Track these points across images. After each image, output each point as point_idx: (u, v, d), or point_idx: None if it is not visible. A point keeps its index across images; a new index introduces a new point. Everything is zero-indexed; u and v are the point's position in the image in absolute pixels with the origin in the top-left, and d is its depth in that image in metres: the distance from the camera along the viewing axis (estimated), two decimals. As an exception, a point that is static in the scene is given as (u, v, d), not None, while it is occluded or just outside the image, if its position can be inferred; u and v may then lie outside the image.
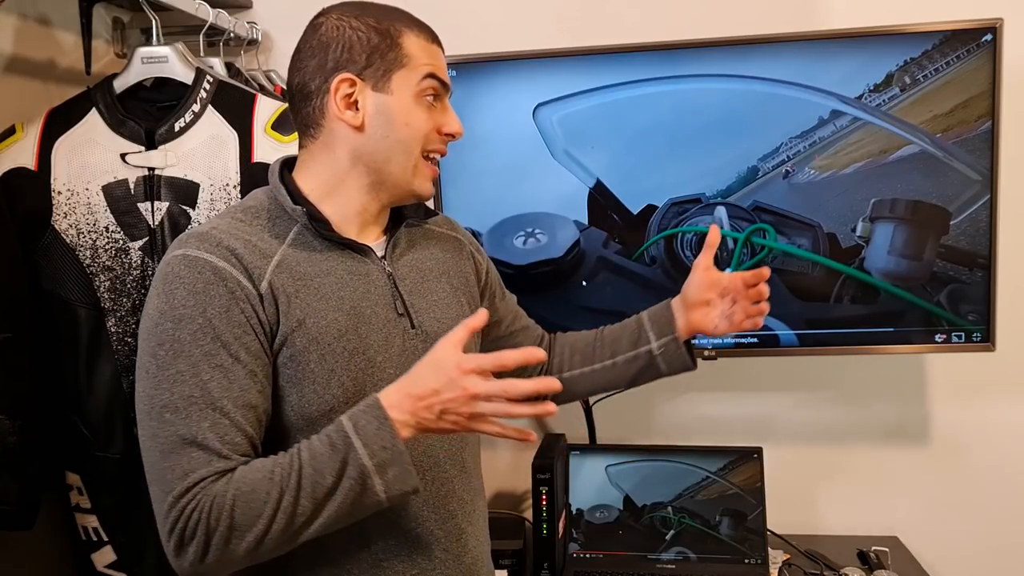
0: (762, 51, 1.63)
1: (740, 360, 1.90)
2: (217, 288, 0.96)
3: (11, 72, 1.53)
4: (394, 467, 0.92)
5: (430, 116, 1.07)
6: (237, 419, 0.94)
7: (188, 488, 0.90)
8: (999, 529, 1.92)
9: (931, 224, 1.65)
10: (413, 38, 1.05)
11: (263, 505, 0.90)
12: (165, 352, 0.94)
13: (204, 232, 1.00)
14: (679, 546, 1.74)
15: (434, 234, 1.22)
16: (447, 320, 1.14)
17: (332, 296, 1.03)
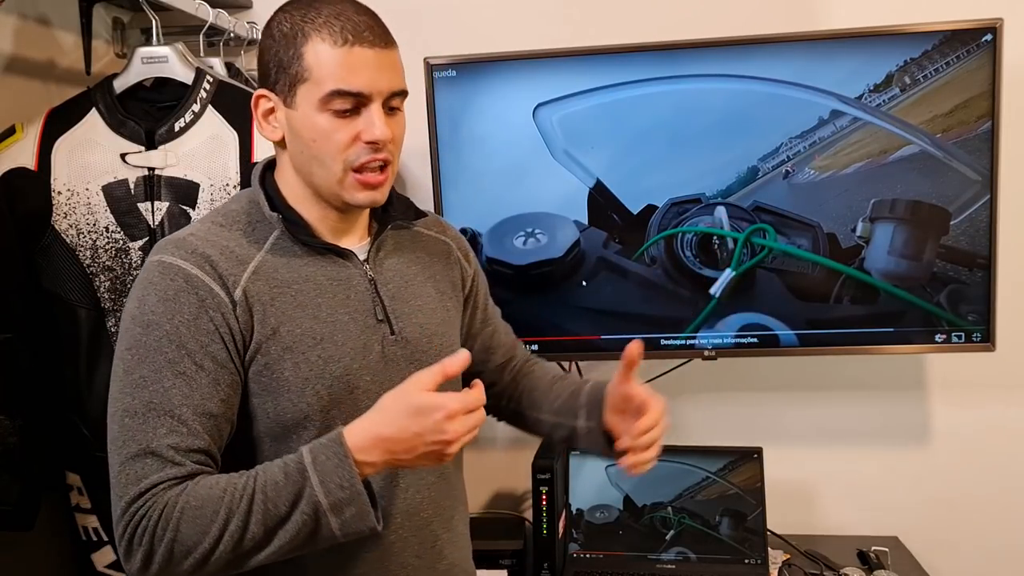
0: (762, 51, 1.63)
1: (740, 360, 1.90)
2: (187, 296, 0.96)
3: (11, 72, 1.53)
4: (351, 507, 0.91)
5: (343, 128, 0.98)
6: (195, 427, 0.93)
7: (140, 493, 0.90)
8: (999, 529, 1.92)
9: (931, 224, 1.65)
10: (318, 45, 0.97)
11: (210, 524, 0.89)
12: (132, 356, 0.95)
13: (182, 238, 1.00)
14: (679, 546, 1.74)
15: (423, 237, 1.19)
16: (430, 326, 1.12)
17: (309, 303, 1.02)
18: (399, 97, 1.02)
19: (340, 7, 0.99)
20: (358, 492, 0.91)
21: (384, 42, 0.99)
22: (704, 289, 1.71)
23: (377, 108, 0.99)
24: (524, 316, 1.72)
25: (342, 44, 0.96)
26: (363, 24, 0.98)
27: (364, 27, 0.98)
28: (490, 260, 1.73)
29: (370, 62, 0.97)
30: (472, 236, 1.73)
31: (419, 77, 1.64)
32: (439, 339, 1.13)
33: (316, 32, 0.97)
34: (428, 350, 1.11)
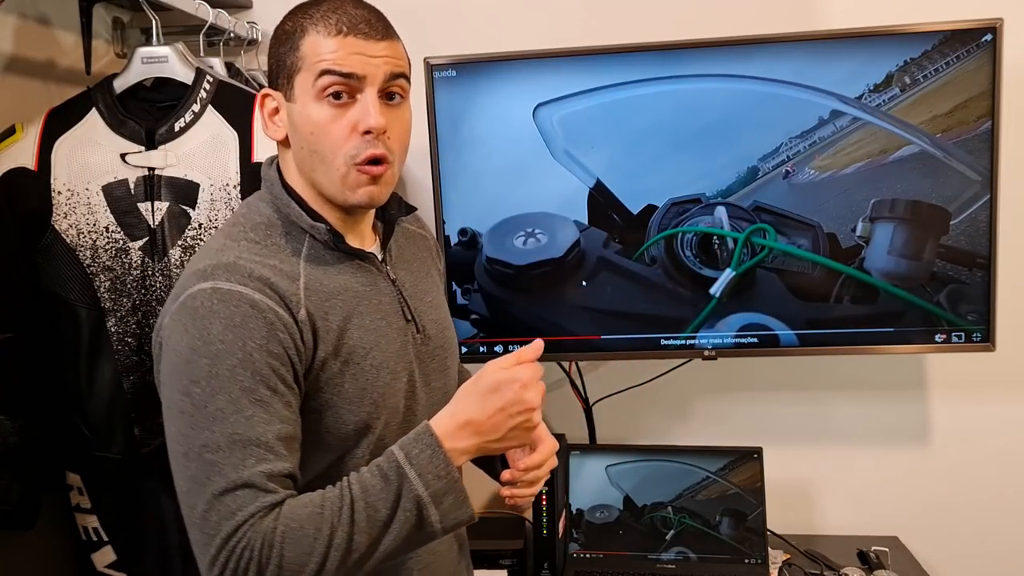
0: (762, 51, 1.63)
1: (740, 360, 1.90)
2: (255, 321, 0.92)
3: (11, 72, 1.53)
4: (449, 496, 0.92)
5: (339, 117, 0.97)
6: (281, 452, 0.91)
7: (237, 527, 0.87)
8: (999, 529, 1.92)
9: (931, 224, 1.65)
10: (313, 35, 0.97)
11: (314, 542, 0.87)
12: (201, 389, 0.90)
13: (230, 263, 0.96)
14: (679, 546, 1.74)
15: (410, 232, 1.21)
16: (440, 321, 1.14)
17: (354, 313, 1.02)
18: (399, 81, 1.00)
19: (340, 3, 0.99)
20: (455, 479, 0.92)
21: (380, 34, 0.98)
22: (704, 289, 1.71)
23: (372, 95, 0.97)
24: (524, 316, 1.72)
25: (336, 34, 0.96)
26: (359, 16, 0.98)
27: (360, 19, 0.98)
28: (490, 260, 1.73)
29: (362, 49, 0.97)
30: (472, 236, 1.73)
31: (419, 77, 1.64)
32: (449, 332, 1.17)
33: (312, 26, 0.98)
34: (444, 344, 1.14)
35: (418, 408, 1.08)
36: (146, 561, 1.48)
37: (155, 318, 1.41)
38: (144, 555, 1.48)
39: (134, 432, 1.44)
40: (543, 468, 1.07)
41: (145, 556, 1.48)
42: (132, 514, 1.47)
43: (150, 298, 1.42)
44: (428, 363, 1.11)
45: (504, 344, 1.75)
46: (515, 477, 1.05)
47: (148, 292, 1.42)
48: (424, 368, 1.10)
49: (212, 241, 1.03)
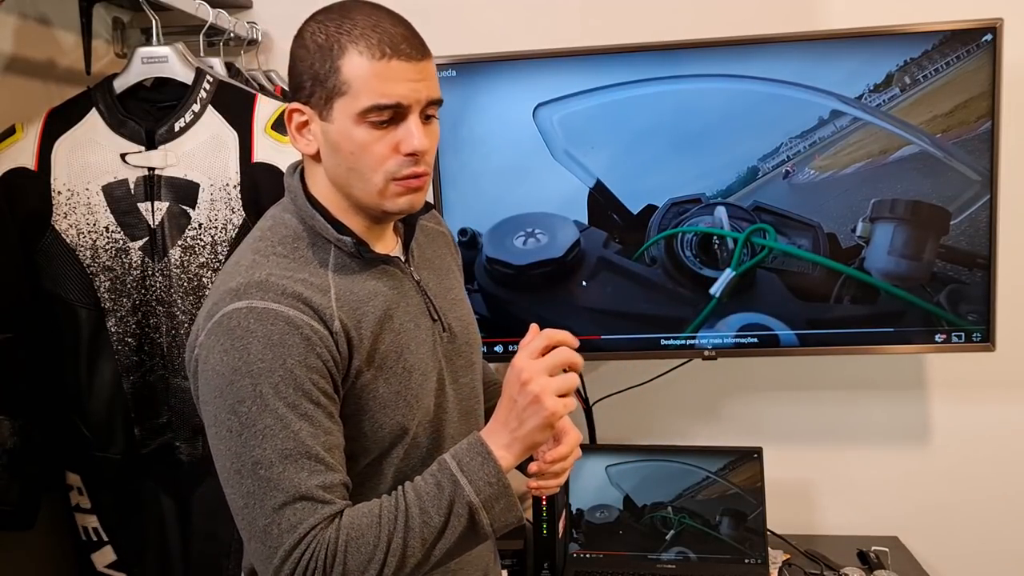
0: (762, 51, 1.63)
1: (740, 360, 1.90)
2: (293, 338, 0.93)
3: (11, 72, 1.53)
4: (500, 501, 0.95)
5: (380, 139, 0.97)
6: (331, 462, 0.94)
7: (300, 539, 0.90)
8: (999, 529, 1.92)
9: (931, 224, 1.65)
10: (356, 58, 0.95)
11: (373, 549, 0.91)
12: (248, 408, 0.92)
13: (262, 280, 0.97)
14: (679, 546, 1.74)
15: (429, 230, 1.21)
16: (464, 318, 1.16)
17: (384, 318, 1.03)
18: (435, 106, 1.01)
19: (376, 18, 0.97)
20: (505, 486, 0.95)
21: (421, 53, 0.98)
22: (704, 289, 1.71)
23: (415, 119, 0.98)
24: (524, 316, 1.72)
25: (380, 57, 0.95)
26: (399, 36, 0.96)
27: (401, 39, 0.96)
28: (490, 260, 1.73)
29: (407, 74, 0.96)
30: (472, 236, 1.73)
31: (419, 77, 1.64)
32: (473, 327, 1.18)
33: (353, 44, 0.95)
34: (469, 340, 1.15)
35: (448, 406, 1.09)
36: (146, 561, 1.48)
37: (155, 318, 1.42)
38: (144, 555, 1.48)
39: (134, 432, 1.44)
40: (568, 459, 1.08)
41: (145, 556, 1.48)
42: (132, 514, 1.47)
43: (150, 298, 1.42)
44: (455, 360, 1.12)
45: (504, 344, 1.75)
46: (541, 469, 1.07)
47: (148, 292, 1.42)
48: (451, 366, 1.11)
49: (241, 256, 1.03)
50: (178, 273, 1.41)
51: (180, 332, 1.42)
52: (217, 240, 1.41)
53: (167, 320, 1.42)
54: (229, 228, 1.41)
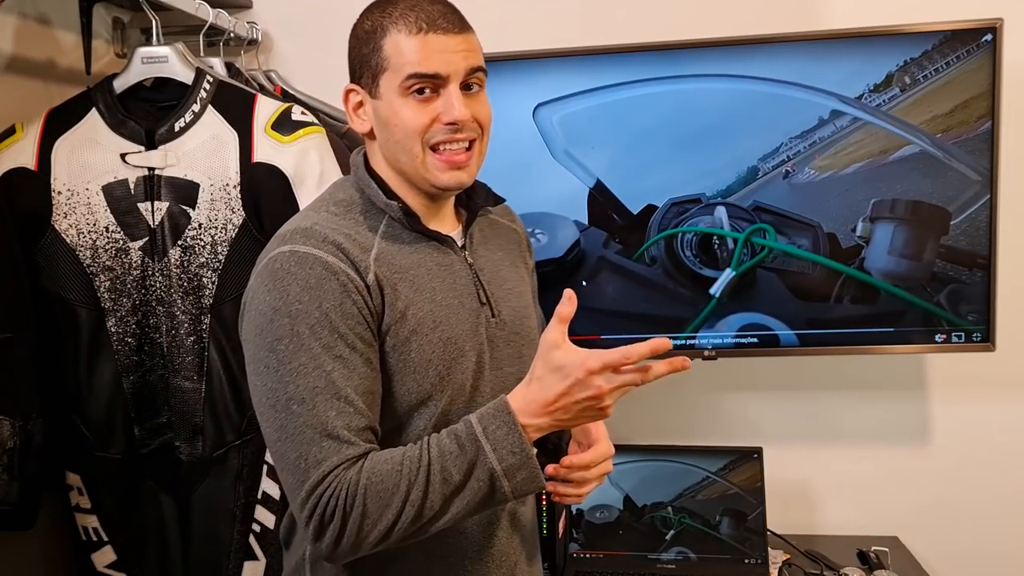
0: (762, 51, 1.63)
1: (740, 360, 1.90)
2: (330, 282, 0.98)
3: (11, 72, 1.53)
4: (523, 471, 0.95)
5: (422, 110, 1.03)
6: (360, 406, 0.97)
7: (324, 476, 0.94)
8: (999, 529, 1.92)
9: (931, 224, 1.65)
10: (394, 36, 1.02)
11: (392, 496, 0.94)
12: (285, 347, 0.97)
13: (308, 228, 1.02)
14: (679, 546, 1.74)
15: (498, 224, 1.23)
16: (521, 308, 1.17)
17: (425, 287, 1.06)
18: (477, 74, 1.05)
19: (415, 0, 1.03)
20: (528, 456, 0.95)
21: (458, 28, 1.03)
22: (704, 289, 1.71)
23: (454, 89, 1.03)
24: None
25: (417, 32, 1.01)
26: (436, 12, 1.03)
27: (438, 15, 1.02)
28: (490, 260, 1.73)
29: (445, 46, 1.02)
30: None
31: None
32: (527, 321, 1.18)
33: (393, 24, 1.02)
34: (522, 331, 1.16)
35: (485, 389, 1.10)
36: (146, 561, 1.48)
37: (155, 318, 1.42)
38: (144, 555, 1.48)
39: (134, 432, 1.44)
40: (592, 471, 1.08)
41: (145, 556, 1.48)
42: (132, 514, 1.47)
43: (150, 298, 1.42)
44: (502, 348, 1.13)
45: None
46: (557, 473, 1.07)
47: (148, 292, 1.42)
48: (496, 352, 1.12)
49: (298, 213, 1.11)
50: (178, 273, 1.41)
51: (180, 332, 1.42)
52: (217, 240, 1.41)
53: (167, 320, 1.42)
54: (229, 228, 1.41)
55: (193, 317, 1.42)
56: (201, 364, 1.43)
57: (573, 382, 0.94)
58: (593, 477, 1.09)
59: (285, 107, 1.45)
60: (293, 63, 1.91)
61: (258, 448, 1.47)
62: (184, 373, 1.43)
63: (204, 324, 1.42)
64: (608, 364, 0.93)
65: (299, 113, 1.45)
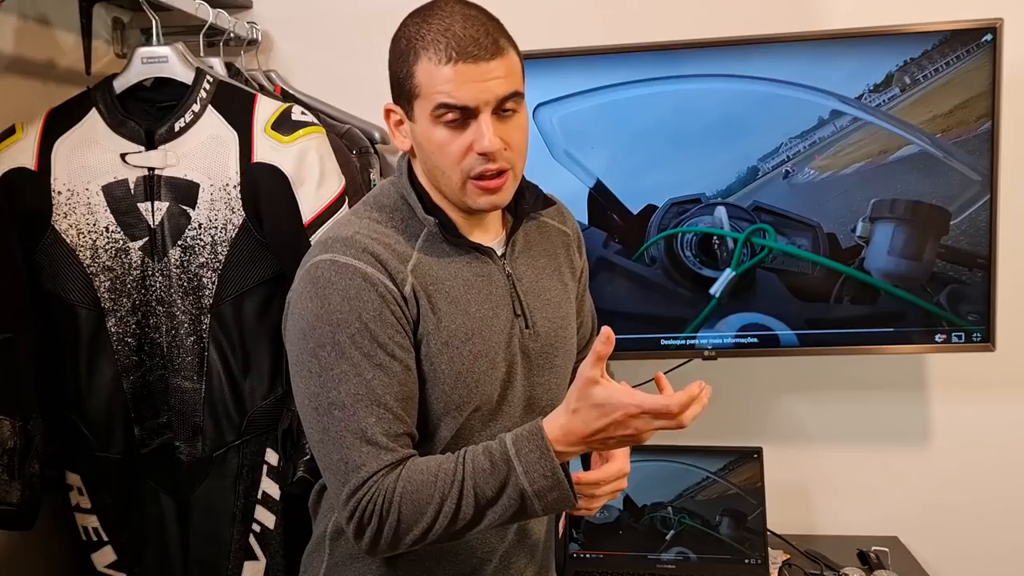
0: (762, 51, 1.63)
1: (740, 360, 1.90)
2: (369, 293, 1.01)
3: (11, 72, 1.53)
4: (554, 492, 0.96)
5: (455, 138, 1.02)
6: (399, 412, 1.01)
7: (363, 481, 0.98)
8: (999, 529, 1.92)
9: (931, 224, 1.65)
10: (426, 64, 1.00)
11: (426, 506, 0.97)
12: (327, 353, 1.00)
13: (348, 237, 1.04)
14: (679, 546, 1.74)
15: (547, 227, 1.22)
16: (557, 319, 1.16)
17: (460, 299, 1.07)
18: (512, 100, 1.03)
19: (449, 20, 1.01)
20: (560, 480, 0.96)
21: (490, 53, 1.01)
22: (704, 289, 1.71)
23: (486, 119, 1.01)
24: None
25: (447, 62, 0.99)
26: (468, 39, 1.00)
27: (469, 42, 1.00)
28: (490, 260, 1.73)
29: (474, 76, 1.00)
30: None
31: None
32: (563, 331, 1.17)
33: (424, 50, 1.00)
34: (556, 343, 1.15)
35: (513, 399, 1.11)
36: (146, 561, 1.48)
37: (155, 318, 1.42)
38: (144, 555, 1.48)
39: (134, 432, 1.44)
40: (602, 488, 1.09)
41: (145, 556, 1.48)
42: (132, 514, 1.47)
43: (150, 298, 1.42)
44: (534, 359, 1.13)
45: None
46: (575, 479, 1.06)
47: (148, 292, 1.42)
48: (529, 363, 1.12)
49: (342, 216, 1.15)
50: (178, 273, 1.41)
51: (180, 332, 1.42)
52: (217, 240, 1.41)
53: (167, 320, 1.42)
54: (229, 228, 1.41)
55: (193, 317, 1.42)
56: (201, 364, 1.43)
57: (611, 421, 0.94)
58: (603, 493, 1.09)
59: (285, 107, 1.45)
60: (293, 63, 1.91)
61: (258, 448, 1.47)
62: (184, 373, 1.43)
63: (204, 324, 1.42)
64: (647, 411, 0.94)
65: (299, 113, 1.45)
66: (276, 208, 1.41)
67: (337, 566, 1.14)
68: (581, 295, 1.29)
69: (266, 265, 1.43)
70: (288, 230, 1.41)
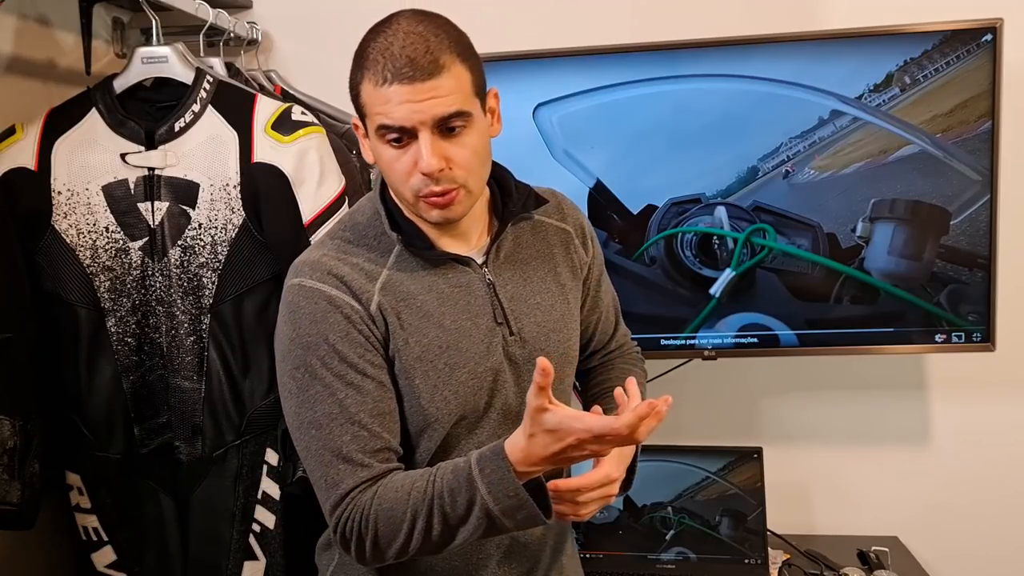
0: (762, 51, 1.63)
1: (740, 360, 1.90)
2: (334, 315, 1.03)
3: (11, 72, 1.53)
4: (521, 511, 0.95)
5: (400, 157, 1.01)
6: (375, 429, 1.02)
7: (341, 498, 1.01)
8: (999, 529, 1.92)
9: (931, 224, 1.65)
10: (367, 84, 1.00)
11: (401, 523, 0.98)
12: (302, 375, 1.03)
13: (315, 260, 1.06)
14: (679, 546, 1.74)
15: (543, 227, 1.19)
16: (548, 323, 1.13)
17: (434, 312, 1.06)
18: (458, 118, 1.00)
19: (391, 39, 0.99)
20: (524, 500, 0.95)
21: (427, 73, 0.98)
22: (704, 289, 1.71)
23: (425, 139, 0.99)
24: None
25: (383, 83, 0.98)
26: (404, 59, 0.98)
27: (404, 62, 0.97)
28: (490, 260, 1.73)
29: (409, 96, 0.98)
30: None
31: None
32: (556, 335, 1.15)
33: (366, 70, 1.00)
34: (546, 348, 1.13)
35: (502, 407, 1.10)
36: (146, 561, 1.48)
37: (154, 318, 1.42)
38: (144, 555, 1.48)
39: (134, 432, 1.44)
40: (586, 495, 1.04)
41: (145, 556, 1.48)
42: (132, 514, 1.47)
43: (149, 298, 1.42)
44: (523, 365, 1.11)
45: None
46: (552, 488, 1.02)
47: (148, 292, 1.42)
48: (517, 370, 1.11)
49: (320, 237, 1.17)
50: (178, 273, 1.41)
51: (180, 332, 1.42)
52: (217, 240, 1.41)
53: (167, 320, 1.42)
54: (229, 228, 1.41)
55: (193, 317, 1.42)
56: (201, 364, 1.43)
57: (567, 445, 0.92)
58: (589, 500, 1.05)
59: (285, 107, 1.45)
60: (293, 63, 1.91)
61: (257, 448, 1.47)
62: (184, 373, 1.43)
63: (204, 324, 1.42)
64: (597, 435, 0.91)
65: (299, 113, 1.45)
66: (276, 208, 1.41)
67: (344, 565, 1.15)
68: (594, 290, 1.26)
69: (266, 265, 1.43)
70: (288, 230, 1.41)
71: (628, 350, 1.35)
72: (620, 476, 1.07)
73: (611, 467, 1.06)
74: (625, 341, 1.35)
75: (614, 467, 1.06)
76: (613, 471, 1.06)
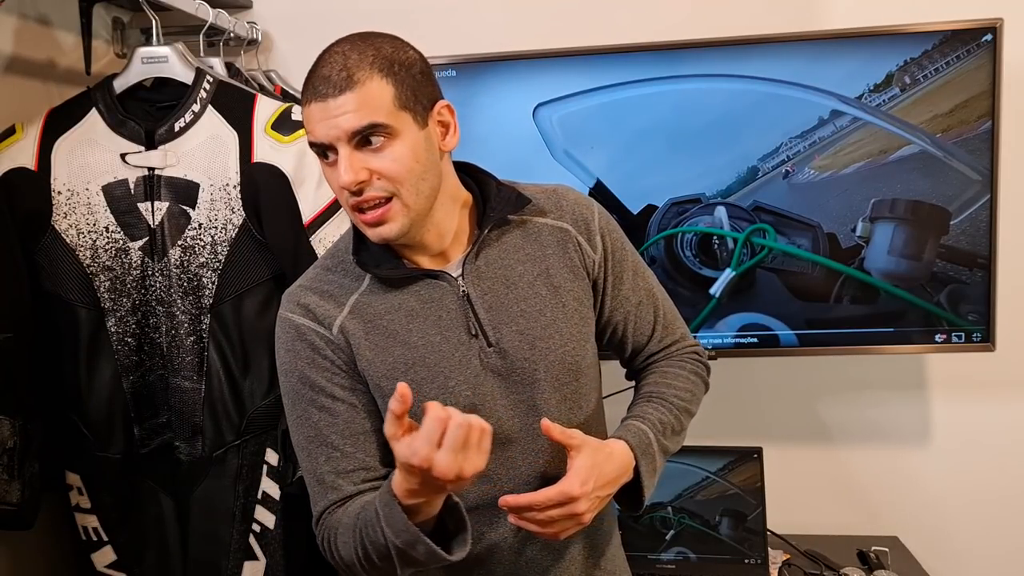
0: (762, 51, 1.63)
1: (740, 360, 1.90)
2: (300, 343, 1.08)
3: (11, 72, 1.53)
4: (419, 545, 0.94)
5: (333, 174, 1.03)
6: (347, 450, 1.07)
7: (319, 516, 1.08)
8: (999, 529, 1.92)
9: (931, 224, 1.65)
10: (303, 107, 1.03)
11: (351, 548, 1.02)
12: (287, 401, 1.11)
13: (292, 290, 1.13)
14: (679, 546, 1.74)
15: (535, 228, 1.13)
16: (533, 331, 1.08)
17: (400, 331, 1.07)
18: (376, 131, 1.00)
19: (322, 58, 1.02)
20: (415, 534, 0.94)
21: (338, 89, 0.99)
22: (704, 289, 1.71)
23: (342, 153, 1.00)
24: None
25: (306, 104, 1.02)
26: (321, 77, 1.00)
27: (320, 80, 1.00)
28: (490, 260, 1.73)
29: (322, 113, 1.00)
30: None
31: (419, 77, 1.64)
32: (545, 342, 1.09)
33: (304, 90, 1.03)
34: (530, 357, 1.08)
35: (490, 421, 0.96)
36: (146, 561, 1.48)
37: (154, 318, 1.42)
38: (144, 555, 1.48)
39: (134, 432, 1.44)
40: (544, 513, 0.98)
41: (145, 556, 1.48)
42: (132, 514, 1.47)
43: (149, 298, 1.42)
44: (506, 376, 1.08)
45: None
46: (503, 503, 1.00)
47: (148, 292, 1.42)
48: (501, 382, 1.08)
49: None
50: (178, 273, 1.41)
51: (180, 332, 1.42)
52: (217, 240, 1.41)
53: (167, 320, 1.42)
54: (229, 228, 1.41)
55: (193, 317, 1.42)
56: (201, 364, 1.43)
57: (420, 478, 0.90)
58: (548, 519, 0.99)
59: (285, 107, 1.45)
60: (293, 63, 1.91)
61: (257, 448, 1.47)
62: (184, 373, 1.43)
63: (204, 324, 1.42)
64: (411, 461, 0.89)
65: (299, 113, 1.45)
66: (276, 208, 1.41)
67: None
68: (613, 288, 1.17)
69: (266, 265, 1.43)
70: (288, 230, 1.41)
71: (677, 350, 1.26)
72: (584, 494, 0.98)
73: (570, 485, 0.98)
74: (673, 341, 1.26)
75: (575, 485, 0.98)
76: (574, 489, 0.97)
